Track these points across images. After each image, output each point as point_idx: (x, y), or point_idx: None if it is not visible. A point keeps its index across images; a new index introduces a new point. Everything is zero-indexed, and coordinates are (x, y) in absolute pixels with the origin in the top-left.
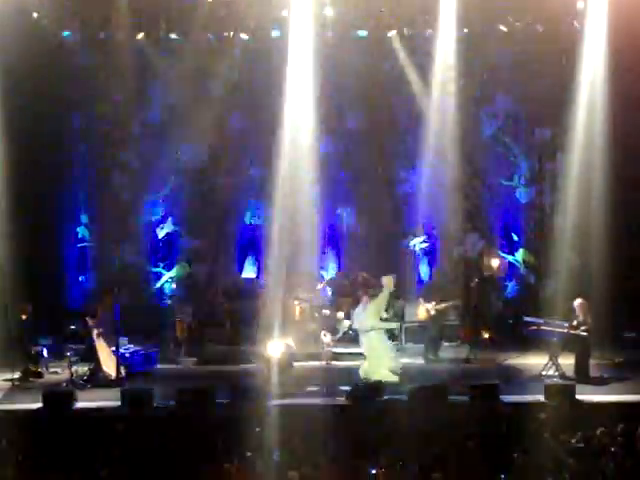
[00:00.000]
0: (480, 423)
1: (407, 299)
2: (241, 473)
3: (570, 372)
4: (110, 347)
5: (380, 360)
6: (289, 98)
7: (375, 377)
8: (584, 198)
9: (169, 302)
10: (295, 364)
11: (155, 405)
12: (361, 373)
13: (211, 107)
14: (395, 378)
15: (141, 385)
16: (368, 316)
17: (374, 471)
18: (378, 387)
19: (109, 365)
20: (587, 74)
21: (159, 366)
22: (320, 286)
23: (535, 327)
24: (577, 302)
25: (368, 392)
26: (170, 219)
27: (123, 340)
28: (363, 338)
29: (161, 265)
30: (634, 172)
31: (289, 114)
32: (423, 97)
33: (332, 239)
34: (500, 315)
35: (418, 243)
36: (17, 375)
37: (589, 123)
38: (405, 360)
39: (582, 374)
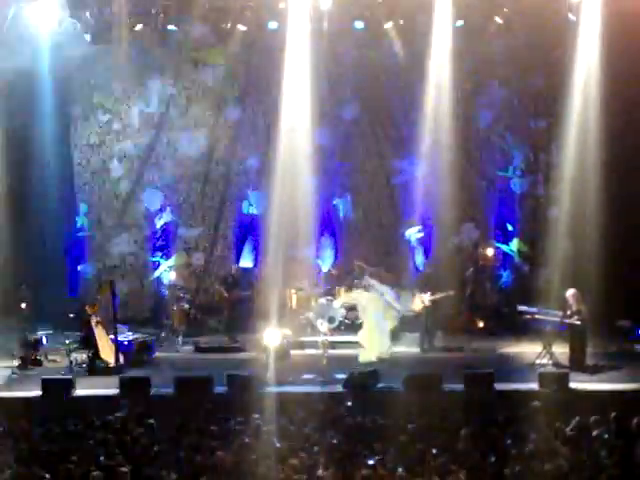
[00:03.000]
0: (475, 411)
1: (403, 289)
2: (238, 461)
3: (565, 361)
4: (109, 335)
5: (372, 342)
6: (286, 89)
7: (365, 357)
8: (578, 188)
9: (167, 291)
10: (292, 352)
11: (153, 393)
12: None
13: (208, 98)
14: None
15: (139, 373)
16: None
17: (371, 461)
18: (374, 376)
19: (108, 353)
20: (581, 66)
21: (157, 354)
22: (321, 277)
23: (529, 316)
24: (569, 292)
25: (364, 380)
26: (168, 209)
27: (122, 328)
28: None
29: (159, 254)
30: (628, 163)
31: (286, 105)
32: (419, 88)
33: (329, 229)
34: (495, 304)
35: (414, 233)
36: (16, 363)
37: (584, 114)
38: (401, 349)
39: (577, 363)
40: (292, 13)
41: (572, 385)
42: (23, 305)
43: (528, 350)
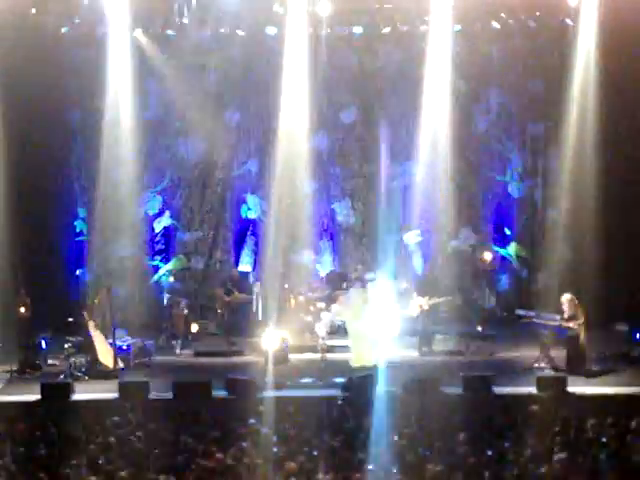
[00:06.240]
0: (473, 415)
1: (401, 292)
2: (237, 464)
3: (563, 364)
4: (107, 339)
5: (362, 347)
6: (285, 93)
7: (356, 363)
8: (576, 192)
9: (166, 295)
10: (290, 356)
11: (152, 397)
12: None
13: (207, 102)
14: (370, 364)
15: (138, 377)
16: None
17: (371, 466)
18: (372, 379)
19: (106, 357)
20: (579, 69)
21: (156, 358)
22: (319, 281)
23: (527, 320)
24: (565, 297)
25: (363, 384)
26: (167, 213)
27: (121, 332)
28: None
29: (158, 258)
30: (626, 167)
31: (285, 109)
32: (417, 93)
33: (327, 233)
34: (493, 308)
35: (412, 237)
36: (15, 367)
37: (581, 118)
38: (399, 352)
39: (575, 366)
40: (291, 18)
41: (570, 389)
42: (22, 309)
43: (526, 354)
